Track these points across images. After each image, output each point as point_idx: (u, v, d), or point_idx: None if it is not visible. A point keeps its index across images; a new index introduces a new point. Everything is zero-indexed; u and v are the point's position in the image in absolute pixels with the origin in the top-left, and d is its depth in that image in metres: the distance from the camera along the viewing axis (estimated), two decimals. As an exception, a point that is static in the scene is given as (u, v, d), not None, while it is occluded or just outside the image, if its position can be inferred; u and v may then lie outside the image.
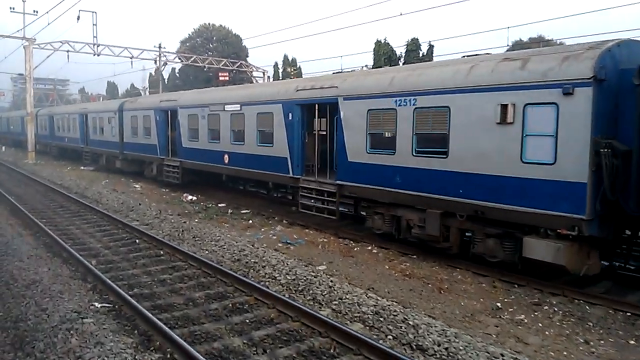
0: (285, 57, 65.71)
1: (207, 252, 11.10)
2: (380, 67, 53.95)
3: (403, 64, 53.46)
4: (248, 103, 16.74)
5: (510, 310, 8.12)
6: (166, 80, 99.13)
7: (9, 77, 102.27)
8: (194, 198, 19.49)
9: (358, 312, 7.40)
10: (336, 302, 7.79)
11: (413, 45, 56.50)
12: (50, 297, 7.66)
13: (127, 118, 25.85)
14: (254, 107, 16.43)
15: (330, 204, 13.82)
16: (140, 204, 16.52)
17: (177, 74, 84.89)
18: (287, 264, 9.74)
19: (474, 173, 9.88)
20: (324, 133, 15.23)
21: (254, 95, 16.64)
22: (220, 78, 46.05)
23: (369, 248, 11.97)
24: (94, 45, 41.09)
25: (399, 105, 11.33)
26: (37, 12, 38.65)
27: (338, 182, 13.31)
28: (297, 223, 14.80)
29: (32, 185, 22.91)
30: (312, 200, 14.39)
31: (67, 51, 40.33)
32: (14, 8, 37.97)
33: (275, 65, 64.08)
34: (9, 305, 7.67)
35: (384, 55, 58.03)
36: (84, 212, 16.15)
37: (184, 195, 19.80)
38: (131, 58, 45.28)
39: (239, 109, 17.17)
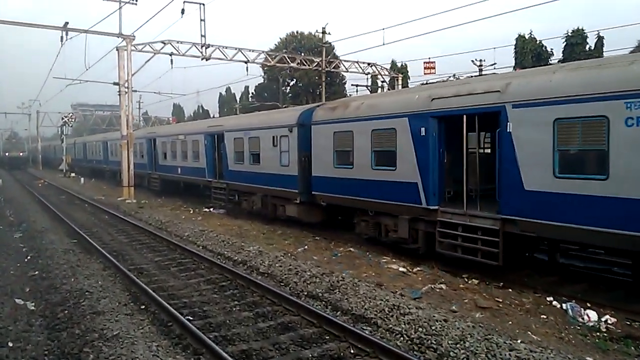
0: (393, 62, 55.13)
1: None
2: (524, 67, 42.20)
3: (561, 61, 41.59)
4: None
5: None
6: (238, 100, 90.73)
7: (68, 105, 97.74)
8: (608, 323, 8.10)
9: None
10: None
11: (578, 38, 44.59)
12: None
13: (324, 136, 15.08)
14: None
15: None
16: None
17: (253, 92, 76.00)
18: None
19: None
20: None
21: None
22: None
23: None
24: (202, 46, 31.37)
25: None
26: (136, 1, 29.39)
27: None
28: None
29: (197, 268, 12.29)
30: None
31: (171, 54, 30.84)
32: (107, -5, 28.65)
33: (374, 76, 53.55)
34: None
35: (530, 52, 46.50)
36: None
37: (584, 313, 8.39)
38: (246, 62, 35.52)
39: None
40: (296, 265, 10.79)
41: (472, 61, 36.60)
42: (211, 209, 23.75)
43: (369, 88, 52.64)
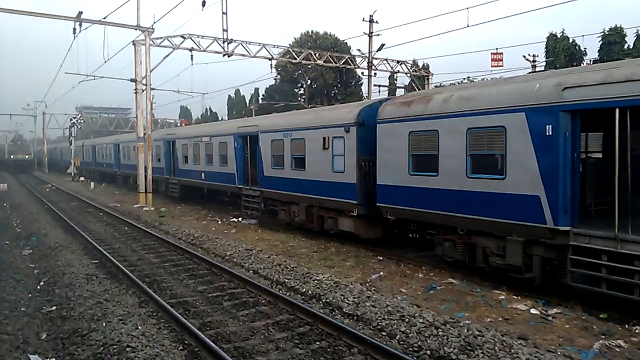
0: (414, 61, 52.48)
1: None
2: (556, 67, 39.69)
3: (596, 61, 39.09)
4: None
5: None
6: (247, 103, 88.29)
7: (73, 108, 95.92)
8: None
9: None
10: None
11: (616, 36, 42.12)
12: None
13: (396, 137, 12.50)
14: None
15: None
16: None
17: (264, 94, 73.46)
18: None
19: None
20: None
21: None
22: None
23: None
24: (224, 41, 28.93)
25: None
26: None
27: None
28: None
29: (256, 303, 9.63)
30: None
31: (191, 49, 28.45)
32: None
33: (391, 76, 51.06)
34: None
35: (563, 51, 44.06)
36: None
37: None
38: (271, 59, 33.21)
39: None
40: (395, 307, 8.19)
41: (524, 56, 33.98)
42: (240, 219, 21.26)
43: (390, 88, 49.94)
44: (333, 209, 15.38)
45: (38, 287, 10.77)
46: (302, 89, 68.12)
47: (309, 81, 66.94)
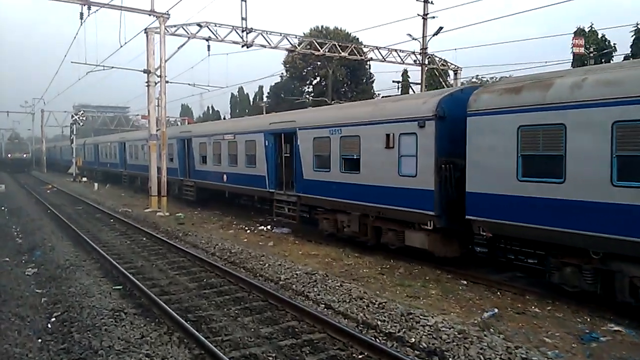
0: (431, 55, 50.01)
1: None
2: (585, 63, 37.50)
3: (628, 58, 36.79)
4: None
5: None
6: (251, 102, 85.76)
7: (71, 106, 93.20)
8: None
9: None
10: None
11: (651, 30, 39.95)
12: None
13: (497, 132, 9.94)
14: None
15: None
16: None
17: (268, 92, 70.84)
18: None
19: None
20: None
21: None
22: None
23: None
24: (243, 30, 26.42)
25: None
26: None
27: None
28: None
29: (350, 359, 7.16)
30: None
31: (208, 38, 25.95)
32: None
33: (405, 73, 48.67)
34: None
35: (592, 46, 41.96)
36: None
37: None
38: (292, 51, 30.88)
39: None
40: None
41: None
42: (269, 227, 18.74)
43: (403, 84, 47.38)
44: (397, 220, 12.86)
45: (49, 325, 8.23)
46: (311, 86, 65.59)
47: (319, 78, 64.46)
